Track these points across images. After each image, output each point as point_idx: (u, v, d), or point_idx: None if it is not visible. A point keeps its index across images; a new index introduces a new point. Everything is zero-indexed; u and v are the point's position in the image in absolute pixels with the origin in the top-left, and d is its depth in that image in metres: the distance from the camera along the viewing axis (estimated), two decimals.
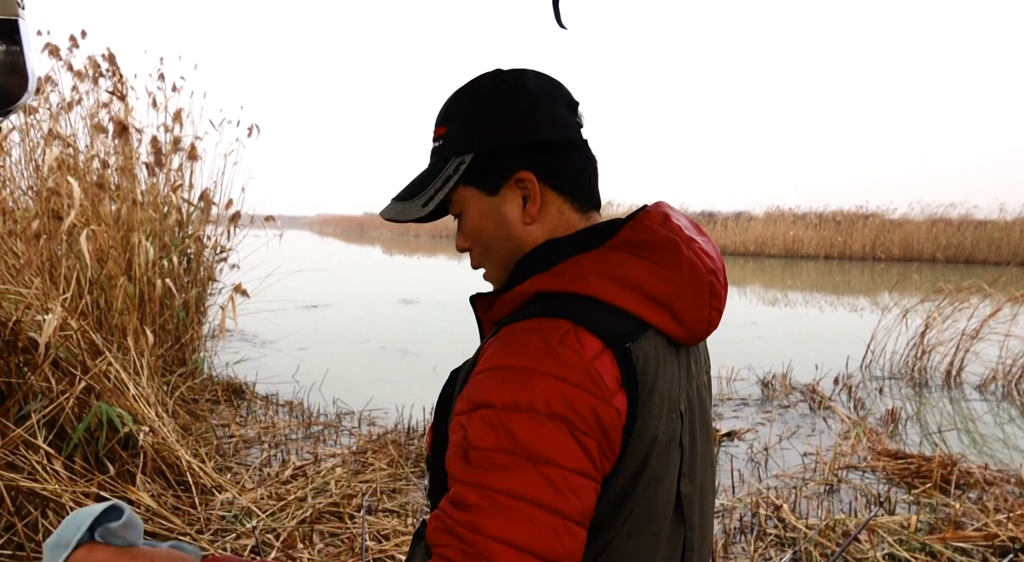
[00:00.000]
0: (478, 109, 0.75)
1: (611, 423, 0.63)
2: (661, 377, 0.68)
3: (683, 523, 0.72)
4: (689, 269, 0.70)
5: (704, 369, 0.81)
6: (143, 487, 2.48)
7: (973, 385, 5.48)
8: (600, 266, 0.69)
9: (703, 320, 0.71)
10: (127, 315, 3.64)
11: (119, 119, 4.37)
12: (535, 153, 0.74)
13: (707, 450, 0.78)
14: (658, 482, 0.68)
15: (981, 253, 20.59)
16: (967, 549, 2.51)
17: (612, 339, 0.65)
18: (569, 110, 0.76)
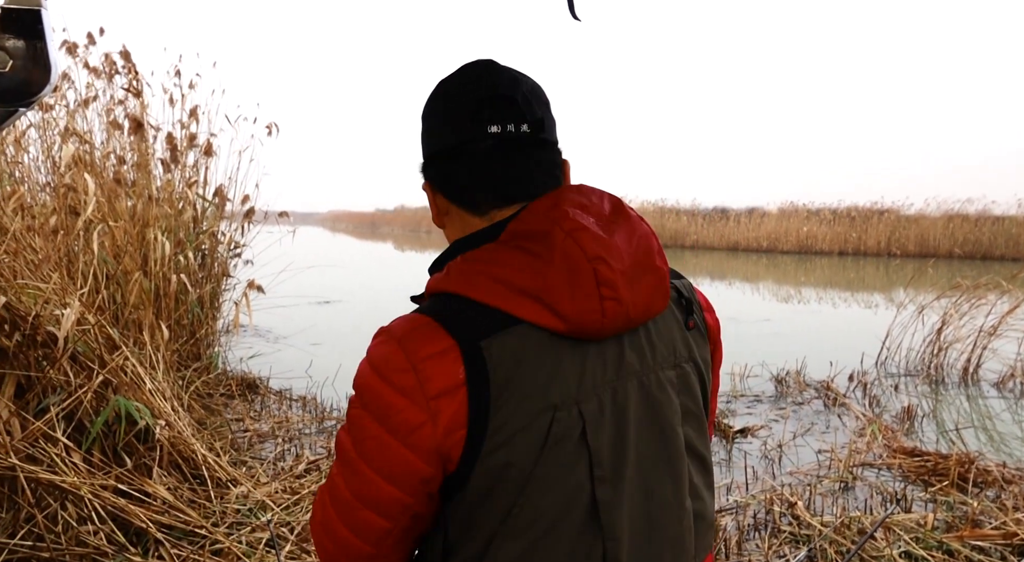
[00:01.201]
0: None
1: (425, 423, 0.65)
2: (529, 372, 0.65)
3: (600, 533, 0.68)
4: (562, 258, 0.66)
5: (667, 363, 0.74)
6: (159, 480, 2.51)
7: (991, 382, 5.41)
8: (477, 264, 0.69)
9: (592, 311, 0.66)
10: (143, 310, 3.68)
11: (134, 116, 4.41)
12: (428, 164, 0.78)
13: (669, 453, 0.73)
14: (544, 482, 0.66)
15: (999, 249, 20.31)
16: (985, 547, 2.48)
17: (463, 336, 0.65)
18: (476, 107, 0.74)
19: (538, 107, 0.76)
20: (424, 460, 0.66)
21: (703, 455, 0.78)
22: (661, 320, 0.75)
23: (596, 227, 0.69)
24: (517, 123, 0.73)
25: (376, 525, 0.70)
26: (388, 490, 0.67)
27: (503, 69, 0.77)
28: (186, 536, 2.32)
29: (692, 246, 25.25)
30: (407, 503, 0.68)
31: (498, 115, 0.73)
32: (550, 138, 0.77)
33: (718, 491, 3.11)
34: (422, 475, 0.67)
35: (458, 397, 0.64)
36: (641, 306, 0.70)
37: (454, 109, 0.75)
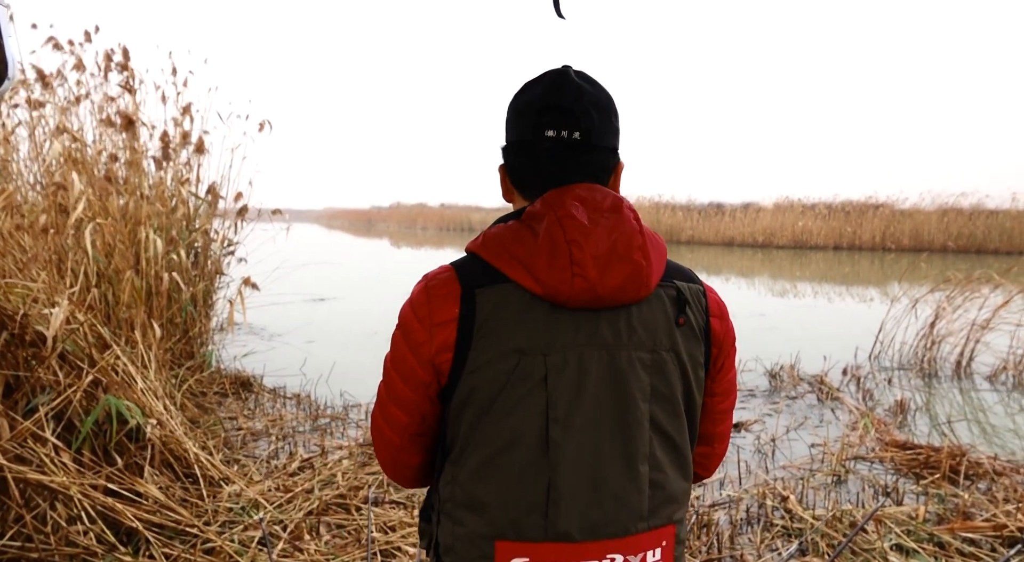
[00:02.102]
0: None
1: (427, 342, 0.86)
2: (507, 319, 0.84)
3: (547, 465, 0.84)
4: (547, 236, 0.83)
5: (643, 346, 0.86)
6: (151, 479, 2.50)
7: (983, 375, 5.44)
8: (497, 234, 0.87)
9: (562, 282, 0.82)
10: (134, 309, 3.66)
11: (125, 113, 4.38)
12: (504, 152, 0.96)
13: (625, 419, 0.86)
14: (504, 408, 0.83)
15: (993, 243, 20.39)
16: (975, 539, 2.50)
17: (467, 284, 0.85)
18: (539, 113, 0.89)
19: (597, 115, 0.90)
20: (423, 369, 0.87)
21: (672, 436, 0.90)
22: (647, 309, 0.87)
23: (584, 217, 0.84)
24: (571, 130, 0.89)
25: (398, 418, 0.92)
26: (404, 390, 0.90)
27: (571, 80, 0.90)
28: (178, 535, 2.32)
29: (688, 241, 25.27)
30: (416, 401, 0.90)
31: (556, 122, 0.89)
32: (601, 144, 0.91)
33: (711, 486, 3.12)
34: (423, 379, 0.88)
35: (450, 327, 0.85)
36: (610, 288, 0.83)
37: (524, 112, 0.91)
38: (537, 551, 0.84)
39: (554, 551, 0.84)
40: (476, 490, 0.86)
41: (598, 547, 0.85)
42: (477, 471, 0.86)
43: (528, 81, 0.94)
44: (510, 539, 0.84)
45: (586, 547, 0.85)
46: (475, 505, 0.86)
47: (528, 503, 0.84)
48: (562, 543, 0.84)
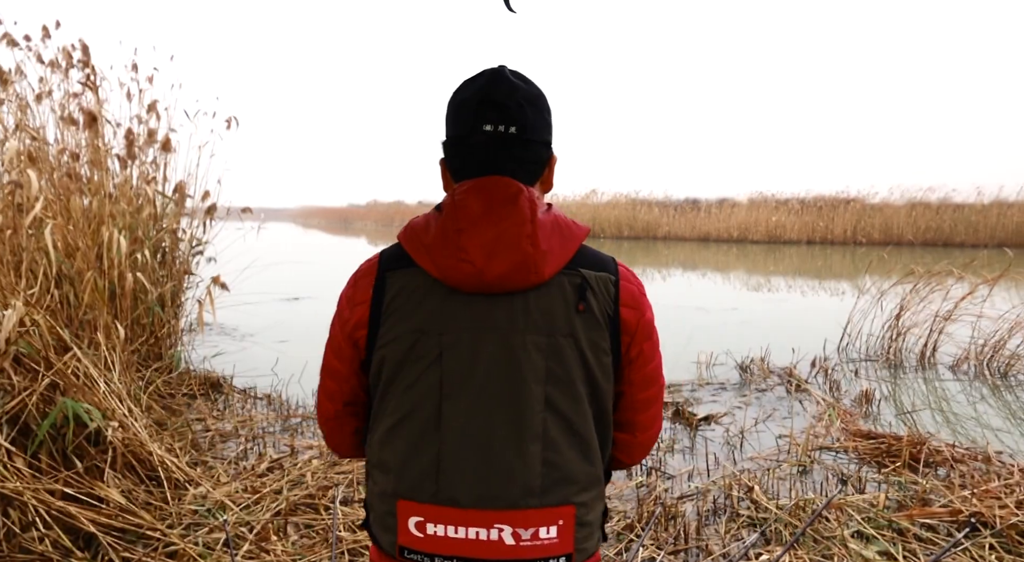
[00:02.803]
0: None
1: (349, 319, 0.98)
2: (411, 300, 0.92)
3: (437, 434, 0.91)
4: (442, 225, 0.92)
5: (539, 330, 0.91)
6: (112, 483, 2.46)
7: (946, 365, 5.56)
8: (415, 223, 0.96)
9: (452, 268, 0.90)
10: (97, 310, 3.59)
11: (88, 110, 4.29)
12: (444, 147, 1.01)
13: (516, 399, 0.91)
14: (404, 382, 0.93)
15: (959, 236, 20.86)
16: (933, 525, 2.56)
17: (383, 268, 0.96)
18: (476, 109, 0.94)
19: (531, 111, 0.95)
20: (347, 343, 1.00)
21: (570, 418, 0.93)
22: (546, 295, 0.92)
23: (477, 207, 0.91)
24: (507, 125, 0.93)
25: (331, 388, 1.04)
26: (335, 362, 1.02)
27: (506, 78, 0.95)
28: (140, 539, 2.28)
29: (664, 237, 25.46)
30: (344, 373, 1.02)
31: (492, 117, 0.93)
32: (535, 138, 0.96)
33: (680, 478, 3.15)
34: (348, 353, 1.00)
35: (365, 306, 0.96)
36: (496, 275, 0.89)
37: (462, 108, 0.96)
38: (429, 512, 0.92)
39: (443, 514, 0.91)
40: (383, 453, 0.96)
41: (485, 516, 0.90)
42: (384, 437, 0.96)
43: (466, 79, 0.98)
44: (408, 499, 0.93)
45: (473, 514, 0.90)
46: (383, 466, 0.96)
47: (421, 469, 0.92)
48: (450, 508, 0.91)
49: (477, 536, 0.90)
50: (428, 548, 0.92)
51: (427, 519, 0.92)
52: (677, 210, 25.96)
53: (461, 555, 0.91)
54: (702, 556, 2.42)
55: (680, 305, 9.17)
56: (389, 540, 0.95)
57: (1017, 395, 4.79)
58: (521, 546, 0.91)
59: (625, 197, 27.16)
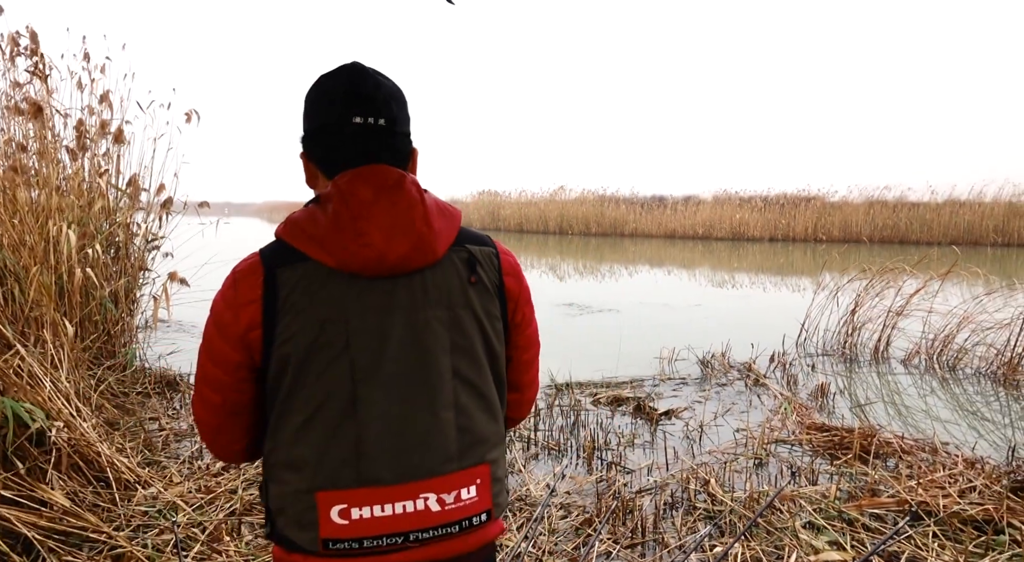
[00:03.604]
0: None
1: (236, 322, 0.93)
2: (309, 293, 0.92)
3: (354, 419, 0.92)
4: (333, 213, 0.92)
5: (439, 305, 0.96)
6: (57, 485, 2.38)
7: (899, 359, 5.73)
8: (297, 217, 0.95)
9: (354, 254, 0.91)
10: (44, 307, 3.47)
11: (33, 100, 4.14)
12: (308, 138, 1.01)
13: (427, 371, 0.95)
14: (313, 374, 0.91)
15: (915, 234, 21.50)
16: (881, 515, 2.63)
17: (269, 265, 0.93)
18: (344, 101, 0.97)
19: (395, 106, 0.99)
20: (233, 349, 0.94)
21: (476, 384, 0.99)
22: (440, 272, 0.97)
23: (368, 195, 0.93)
24: (376, 117, 0.97)
25: (212, 399, 0.98)
26: (214, 370, 0.96)
27: (370, 73, 0.99)
28: (85, 542, 2.21)
29: (631, 234, 25.70)
30: (228, 382, 0.96)
31: (362, 109, 0.96)
32: (400, 130, 1.00)
33: (639, 472, 3.19)
34: (233, 359, 0.95)
35: (255, 305, 0.92)
36: (398, 256, 0.93)
37: (329, 100, 0.98)
38: (352, 497, 0.92)
39: (367, 495, 0.92)
40: (295, 451, 0.93)
41: (410, 488, 0.93)
42: (295, 434, 0.93)
43: (324, 74, 1.01)
44: (328, 489, 0.92)
45: (397, 489, 0.93)
46: (295, 464, 0.94)
47: (342, 457, 0.92)
48: (374, 488, 0.92)
49: (404, 510, 0.93)
50: (354, 533, 0.92)
51: (351, 504, 0.92)
52: (644, 207, 26.21)
53: (390, 532, 0.92)
54: (658, 549, 2.44)
55: (645, 302, 9.28)
56: (309, 537, 0.93)
57: (964, 388, 4.96)
58: (447, 510, 0.95)
59: (593, 194, 27.33)
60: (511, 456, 3.36)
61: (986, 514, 2.49)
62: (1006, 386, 4.95)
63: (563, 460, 3.38)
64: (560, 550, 2.40)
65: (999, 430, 4.00)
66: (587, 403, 4.36)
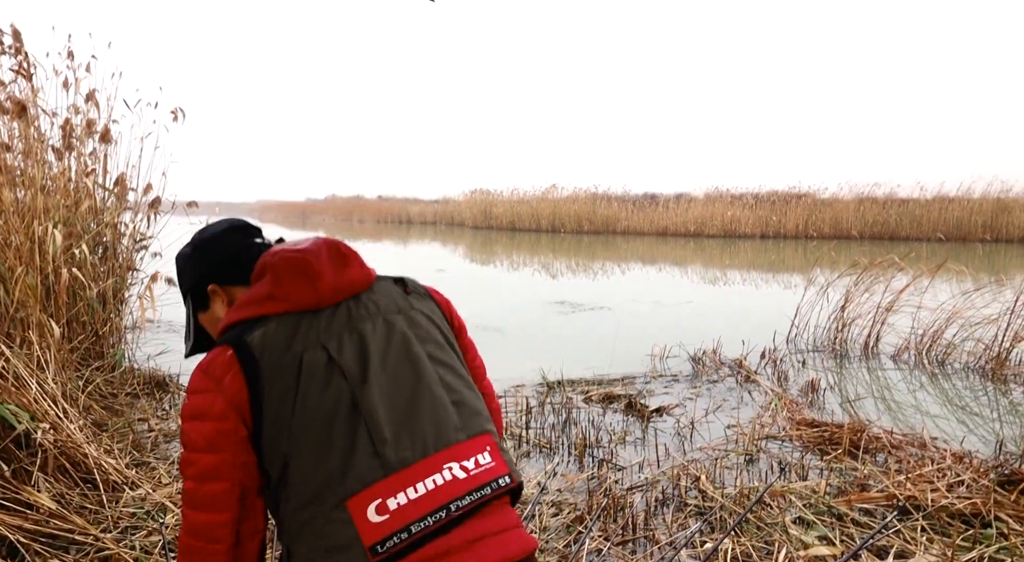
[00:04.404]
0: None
1: (220, 397, 0.97)
2: (278, 338, 0.99)
3: (360, 417, 0.97)
4: (274, 271, 1.05)
5: (392, 310, 1.09)
6: (43, 487, 2.36)
7: (888, 355, 5.76)
8: (240, 301, 1.07)
9: (306, 289, 1.04)
10: (30, 307, 3.44)
11: (17, 99, 4.09)
12: (216, 276, 1.19)
13: (409, 357, 1.04)
14: (309, 396, 0.97)
15: (904, 230, 21.64)
16: (871, 510, 2.64)
17: (235, 339, 1.00)
18: (242, 234, 1.21)
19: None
20: (222, 419, 0.97)
21: (451, 365, 1.10)
22: (379, 290, 1.11)
23: (301, 250, 1.07)
24: (262, 237, 1.23)
25: (220, 489, 0.98)
26: (212, 458, 0.97)
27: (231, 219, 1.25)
28: (71, 545, 2.19)
29: (623, 232, 25.74)
30: (228, 459, 0.97)
31: (255, 235, 1.22)
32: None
33: (631, 469, 3.19)
34: (226, 429, 0.97)
35: (234, 368, 0.98)
36: (346, 281, 1.07)
37: (228, 240, 1.19)
38: (385, 488, 0.94)
39: (398, 480, 0.94)
40: (318, 475, 0.95)
41: (432, 462, 0.97)
42: (315, 460, 0.95)
43: (203, 233, 1.22)
44: (358, 492, 0.93)
45: (422, 466, 0.96)
46: (320, 494, 0.94)
47: (363, 456, 0.95)
48: (401, 472, 0.95)
49: (435, 483, 0.96)
50: (399, 523, 0.92)
51: (385, 496, 0.93)
52: (636, 205, 26.25)
53: (431, 510, 0.93)
54: (649, 545, 2.45)
55: (637, 299, 9.29)
56: (356, 553, 0.91)
57: (953, 383, 4.99)
58: (472, 476, 0.99)
59: (585, 192, 27.35)
60: None
61: (974, 508, 2.51)
62: (994, 381, 4.99)
63: (554, 458, 3.37)
64: (551, 547, 2.40)
65: (987, 424, 4.03)
66: (579, 401, 4.36)
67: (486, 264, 15.44)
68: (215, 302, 1.17)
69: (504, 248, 19.94)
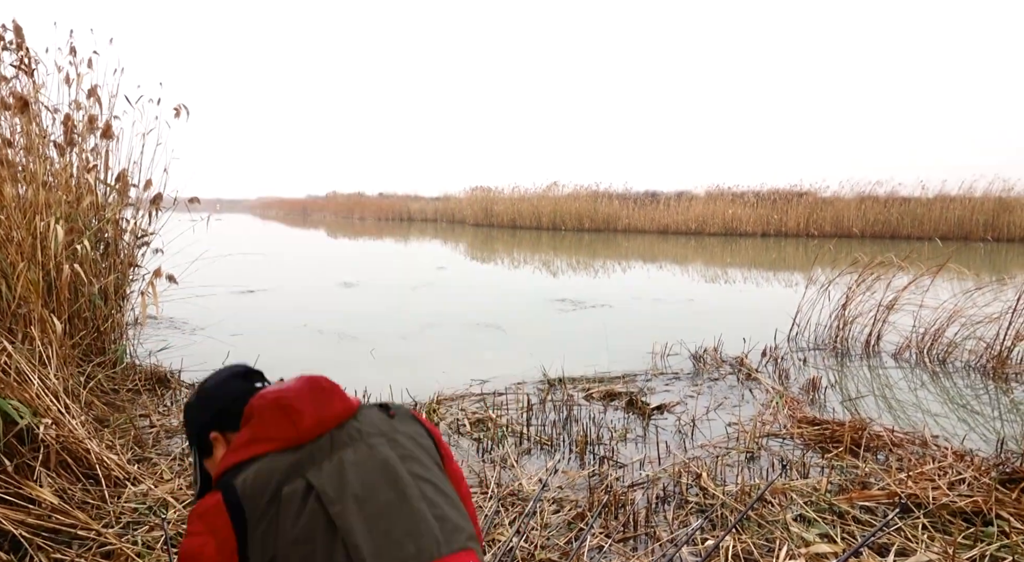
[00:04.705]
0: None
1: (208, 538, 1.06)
2: (261, 476, 1.06)
3: (336, 535, 1.02)
4: (260, 412, 1.12)
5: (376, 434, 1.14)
6: (46, 482, 2.36)
7: (889, 353, 5.76)
8: (232, 445, 1.13)
9: (291, 428, 1.11)
10: (31, 303, 3.44)
11: (19, 94, 4.09)
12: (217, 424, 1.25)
13: (390, 478, 1.09)
14: (287, 521, 1.03)
15: (905, 228, 21.63)
16: (871, 507, 2.64)
17: (224, 484, 1.08)
18: (243, 380, 1.29)
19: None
20: (215, 560, 1.05)
21: (434, 482, 1.15)
22: (364, 417, 1.17)
23: (289, 393, 1.15)
24: (263, 381, 1.31)
25: None
26: None
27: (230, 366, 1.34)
28: (74, 540, 2.20)
29: (624, 229, 25.72)
30: None
31: (257, 379, 1.31)
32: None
33: (632, 467, 3.19)
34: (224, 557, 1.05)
35: (223, 513, 1.06)
36: (329, 417, 1.14)
37: (231, 386, 1.27)
38: None
39: None
40: None
41: None
42: None
43: (206, 382, 1.31)
44: None
45: None
46: None
47: None
48: None
49: None
50: None
51: None
52: (637, 203, 26.24)
53: None
54: (650, 542, 2.45)
55: (638, 297, 9.29)
56: None
57: (954, 381, 4.99)
58: None
59: (586, 189, 27.34)
60: (504, 451, 3.36)
61: (975, 506, 2.51)
62: (995, 379, 4.99)
63: (555, 455, 3.38)
64: (552, 544, 2.40)
65: (988, 423, 4.03)
66: (580, 398, 4.36)
67: (487, 262, 15.44)
68: (217, 448, 1.24)
69: (505, 246, 19.94)
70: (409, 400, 4.10)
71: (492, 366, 5.20)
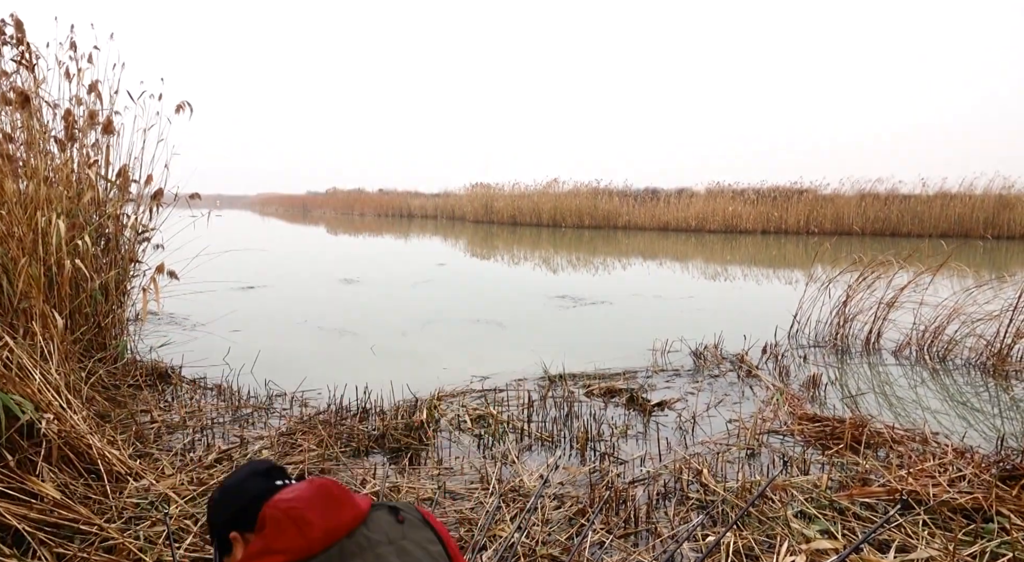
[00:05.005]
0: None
1: None
2: None
3: None
4: (277, 522, 1.12)
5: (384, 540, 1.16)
6: (48, 477, 2.37)
7: (890, 351, 5.77)
8: (250, 549, 1.12)
9: (300, 540, 1.11)
10: (33, 298, 3.44)
11: (20, 89, 4.09)
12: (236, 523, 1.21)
13: None
14: None
15: (906, 226, 21.62)
16: (872, 504, 2.65)
17: None
18: (265, 478, 1.25)
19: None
20: None
21: None
22: (374, 522, 1.18)
23: (300, 502, 1.15)
24: (284, 478, 1.27)
25: None
26: None
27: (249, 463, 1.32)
28: (76, 534, 2.20)
29: (624, 226, 25.71)
30: None
31: (279, 476, 1.26)
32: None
33: (633, 463, 3.20)
34: None
35: None
36: (338, 526, 1.13)
37: (251, 484, 1.24)
38: None
39: None
40: None
41: None
42: None
43: (228, 480, 1.28)
44: None
45: None
46: None
47: None
48: None
49: None
50: None
51: None
52: (637, 200, 26.23)
53: None
54: (651, 538, 2.46)
55: (638, 293, 9.29)
56: None
57: (954, 378, 5.00)
58: None
59: (586, 186, 27.32)
60: (505, 447, 3.37)
61: (975, 503, 2.51)
62: (995, 377, 4.99)
63: (556, 451, 3.38)
64: (553, 540, 2.41)
65: (988, 420, 4.04)
66: (580, 394, 4.37)
67: (487, 258, 15.44)
68: (237, 549, 1.25)
69: (505, 242, 19.93)
70: (410, 396, 4.11)
71: (493, 362, 5.20)
